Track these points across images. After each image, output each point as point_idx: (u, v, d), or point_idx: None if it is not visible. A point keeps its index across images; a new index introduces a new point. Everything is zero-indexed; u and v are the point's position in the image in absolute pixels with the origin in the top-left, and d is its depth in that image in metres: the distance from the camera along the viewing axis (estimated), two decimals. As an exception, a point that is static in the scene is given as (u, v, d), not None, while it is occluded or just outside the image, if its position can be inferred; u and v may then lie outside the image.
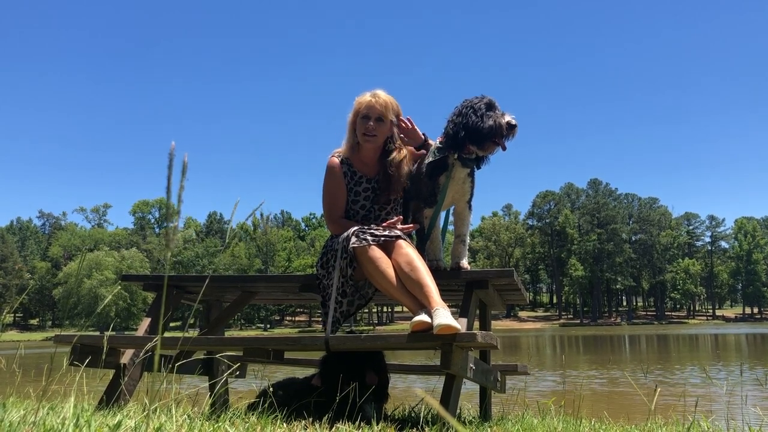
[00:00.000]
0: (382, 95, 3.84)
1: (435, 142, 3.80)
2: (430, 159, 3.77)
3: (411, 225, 3.76)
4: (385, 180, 3.88)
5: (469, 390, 5.19)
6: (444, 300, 3.28)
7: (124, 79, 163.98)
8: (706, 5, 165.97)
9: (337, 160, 3.89)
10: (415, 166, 3.92)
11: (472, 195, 3.84)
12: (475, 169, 3.80)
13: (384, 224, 3.58)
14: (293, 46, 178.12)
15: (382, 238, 3.46)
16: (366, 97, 3.85)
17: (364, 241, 3.41)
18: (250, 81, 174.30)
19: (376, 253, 3.40)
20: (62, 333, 3.83)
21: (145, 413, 2.30)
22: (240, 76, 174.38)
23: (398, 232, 3.53)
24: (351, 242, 3.43)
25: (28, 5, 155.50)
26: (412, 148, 3.97)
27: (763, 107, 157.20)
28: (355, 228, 3.51)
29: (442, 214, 3.91)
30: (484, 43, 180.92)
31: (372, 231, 3.48)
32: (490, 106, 3.59)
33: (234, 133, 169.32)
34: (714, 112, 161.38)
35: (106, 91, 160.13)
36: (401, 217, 3.73)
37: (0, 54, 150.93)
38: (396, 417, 3.58)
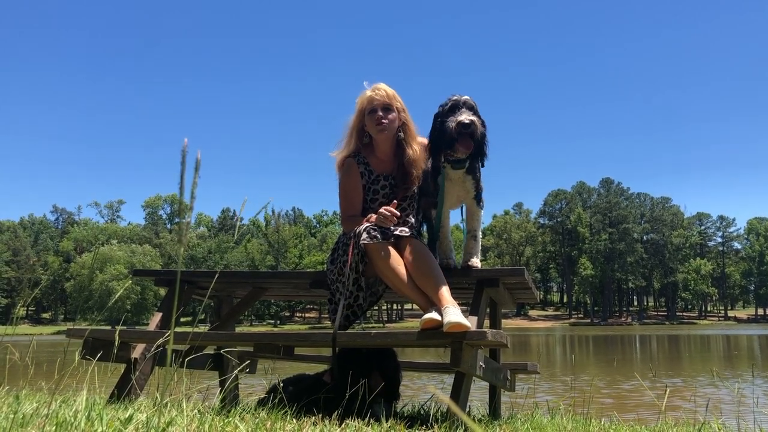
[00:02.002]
0: (383, 86, 3.84)
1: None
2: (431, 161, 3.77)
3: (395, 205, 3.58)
4: (401, 175, 3.86)
5: (479, 388, 5.19)
6: (454, 298, 3.27)
7: (139, 77, 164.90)
8: (719, 6, 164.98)
9: (353, 160, 3.86)
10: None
11: (478, 191, 3.79)
12: (477, 167, 3.75)
13: (382, 209, 3.51)
14: (308, 45, 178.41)
15: (394, 236, 3.46)
16: (366, 93, 3.84)
17: (375, 239, 3.40)
18: (264, 79, 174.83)
19: (388, 250, 3.39)
20: (74, 327, 3.85)
21: (156, 407, 2.31)
22: (254, 73, 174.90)
23: (409, 231, 3.53)
24: (362, 238, 3.42)
25: (55, 6, 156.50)
26: (425, 141, 3.95)
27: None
28: (367, 224, 3.50)
29: (451, 213, 3.90)
30: (490, 42, 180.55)
31: (383, 228, 3.48)
32: (453, 109, 3.55)
33: (247, 130, 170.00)
34: (726, 112, 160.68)
35: (121, 89, 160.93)
36: (395, 202, 3.62)
37: (15, 54, 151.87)
38: (405, 414, 3.58)
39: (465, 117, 3.47)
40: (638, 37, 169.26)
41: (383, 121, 3.78)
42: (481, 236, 3.92)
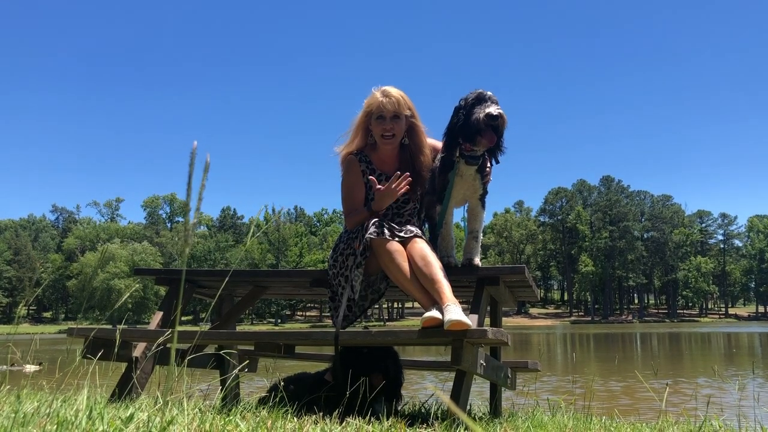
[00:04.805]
0: (394, 92, 3.75)
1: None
2: (440, 156, 3.75)
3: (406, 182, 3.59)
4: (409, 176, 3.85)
5: (480, 387, 5.19)
6: (455, 296, 3.27)
7: (137, 76, 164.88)
8: (719, 6, 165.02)
9: (354, 157, 3.84)
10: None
11: (485, 191, 3.78)
12: (489, 165, 3.74)
13: (393, 184, 3.50)
14: (309, 45, 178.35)
15: (399, 236, 3.46)
16: (377, 97, 3.75)
17: (381, 234, 3.40)
18: (265, 76, 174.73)
19: (394, 246, 3.40)
20: (75, 326, 3.86)
21: (157, 406, 2.31)
22: (254, 71, 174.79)
23: (414, 230, 3.53)
24: (369, 232, 3.42)
25: (54, 7, 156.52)
26: (434, 142, 3.93)
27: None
28: (374, 220, 3.50)
29: (456, 211, 3.89)
30: (490, 41, 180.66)
31: (390, 226, 3.48)
32: (478, 100, 3.50)
33: (248, 128, 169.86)
34: (726, 109, 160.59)
35: (117, 88, 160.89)
36: (408, 177, 3.59)
37: (13, 54, 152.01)
38: (406, 413, 3.59)
39: (494, 109, 3.44)
40: (638, 35, 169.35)
41: (392, 133, 3.75)
42: (481, 237, 3.91)
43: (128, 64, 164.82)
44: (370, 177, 3.57)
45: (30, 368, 10.36)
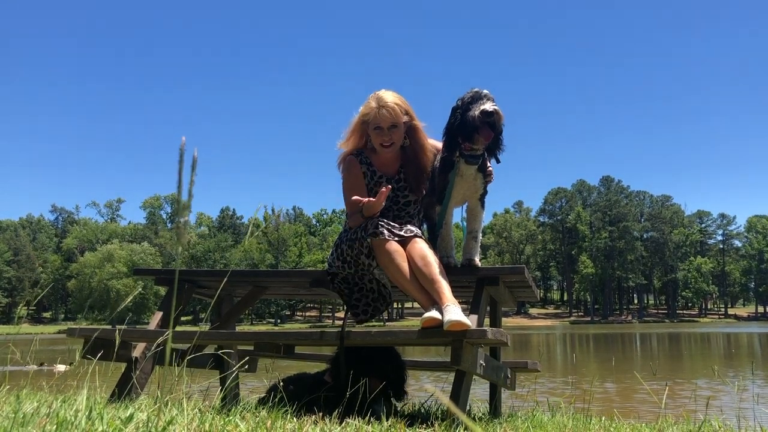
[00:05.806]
0: (390, 100, 3.69)
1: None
2: (441, 156, 3.75)
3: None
4: (415, 180, 3.86)
5: (480, 387, 5.19)
6: (455, 296, 3.27)
7: (137, 77, 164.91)
8: (718, 5, 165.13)
9: (355, 158, 3.84)
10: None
11: (485, 192, 3.77)
12: (489, 165, 3.73)
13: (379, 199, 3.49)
14: (308, 44, 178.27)
15: (399, 236, 3.46)
16: (372, 106, 3.70)
17: (380, 234, 3.40)
18: (263, 78, 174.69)
19: (393, 246, 3.40)
20: (75, 326, 3.85)
21: (156, 406, 2.31)
22: (253, 73, 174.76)
23: (414, 230, 3.53)
24: (368, 233, 3.43)
25: (46, 9, 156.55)
26: (435, 143, 3.93)
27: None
28: (374, 220, 3.50)
29: (455, 211, 3.88)
30: (489, 41, 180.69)
31: (389, 226, 3.48)
32: (474, 99, 3.48)
33: (247, 130, 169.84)
34: (726, 110, 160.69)
35: (119, 89, 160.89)
36: (389, 186, 3.58)
37: (12, 53, 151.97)
38: (406, 413, 3.59)
39: (489, 105, 3.42)
40: (637, 36, 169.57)
41: (390, 142, 3.74)
42: (481, 237, 3.90)
43: (130, 63, 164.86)
44: (382, 189, 3.53)
45: (60, 368, 10.40)
